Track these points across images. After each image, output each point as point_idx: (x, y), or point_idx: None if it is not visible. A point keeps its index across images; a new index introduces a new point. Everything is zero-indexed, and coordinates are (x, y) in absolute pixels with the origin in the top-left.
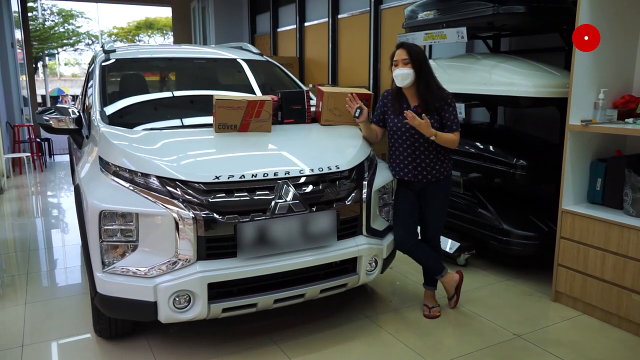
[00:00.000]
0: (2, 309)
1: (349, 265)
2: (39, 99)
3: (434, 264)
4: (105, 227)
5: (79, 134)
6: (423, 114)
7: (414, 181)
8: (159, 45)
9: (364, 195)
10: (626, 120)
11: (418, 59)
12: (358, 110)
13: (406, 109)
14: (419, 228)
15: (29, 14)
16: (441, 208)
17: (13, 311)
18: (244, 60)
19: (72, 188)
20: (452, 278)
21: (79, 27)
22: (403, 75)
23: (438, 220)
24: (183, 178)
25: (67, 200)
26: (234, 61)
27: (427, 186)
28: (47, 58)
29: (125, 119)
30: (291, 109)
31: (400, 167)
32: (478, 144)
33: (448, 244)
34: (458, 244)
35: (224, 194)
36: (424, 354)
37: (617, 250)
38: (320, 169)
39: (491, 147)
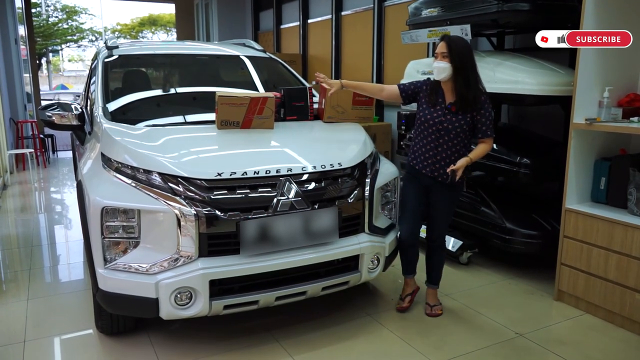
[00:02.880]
0: (5, 304)
1: (350, 263)
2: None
3: (411, 265)
4: (107, 224)
5: (81, 130)
6: (456, 168)
7: (429, 176)
8: (162, 42)
9: (367, 193)
10: (631, 119)
11: (458, 54)
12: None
13: (441, 104)
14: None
15: (33, 10)
16: (449, 210)
17: (15, 307)
18: (247, 57)
19: (75, 184)
20: (414, 283)
21: (82, 23)
22: (439, 69)
23: (445, 221)
24: (185, 175)
25: (70, 196)
26: (237, 58)
27: (439, 185)
28: (50, 54)
29: (128, 116)
30: (294, 106)
31: (420, 159)
32: None
33: (451, 242)
34: (461, 242)
35: (226, 191)
36: (425, 352)
37: (621, 249)
38: (323, 167)
39: (495, 145)
